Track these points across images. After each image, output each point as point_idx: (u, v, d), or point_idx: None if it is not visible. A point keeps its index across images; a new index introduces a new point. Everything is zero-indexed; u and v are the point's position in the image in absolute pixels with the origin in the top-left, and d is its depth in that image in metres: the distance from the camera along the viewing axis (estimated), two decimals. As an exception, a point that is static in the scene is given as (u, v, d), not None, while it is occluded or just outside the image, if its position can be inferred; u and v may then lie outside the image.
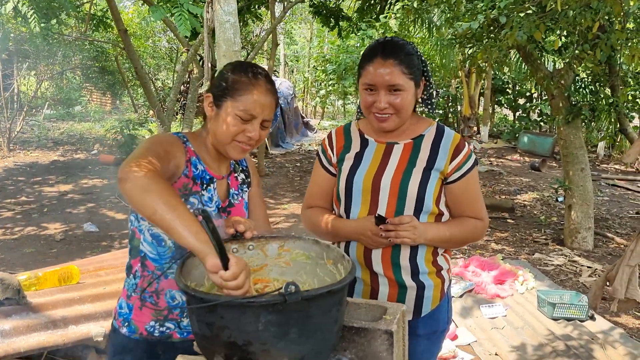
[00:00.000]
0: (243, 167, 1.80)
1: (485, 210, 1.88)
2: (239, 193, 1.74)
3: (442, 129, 1.83)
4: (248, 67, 1.59)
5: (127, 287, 1.67)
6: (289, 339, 1.19)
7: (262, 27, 15.51)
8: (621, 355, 3.53)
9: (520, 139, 14.59)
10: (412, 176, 1.75)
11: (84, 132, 15.66)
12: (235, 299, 1.17)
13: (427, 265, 1.81)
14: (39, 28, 5.05)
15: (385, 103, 1.70)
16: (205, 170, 1.62)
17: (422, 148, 1.79)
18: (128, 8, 19.29)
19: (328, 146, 1.92)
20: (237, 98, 1.53)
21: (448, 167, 1.77)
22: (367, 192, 1.78)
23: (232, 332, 1.18)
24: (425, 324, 1.85)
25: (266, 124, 1.59)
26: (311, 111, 27.26)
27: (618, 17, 4.80)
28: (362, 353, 1.42)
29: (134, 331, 1.63)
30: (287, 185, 9.89)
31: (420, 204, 1.75)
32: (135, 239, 1.63)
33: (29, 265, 4.78)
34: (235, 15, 4.06)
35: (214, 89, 1.59)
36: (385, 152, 1.82)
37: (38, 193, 8.41)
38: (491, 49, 5.47)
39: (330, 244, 1.54)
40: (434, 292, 1.83)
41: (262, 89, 1.55)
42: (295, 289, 1.12)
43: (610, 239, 6.71)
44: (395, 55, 1.69)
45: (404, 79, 1.69)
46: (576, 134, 6.23)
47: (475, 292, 4.49)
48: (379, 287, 1.81)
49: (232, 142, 1.56)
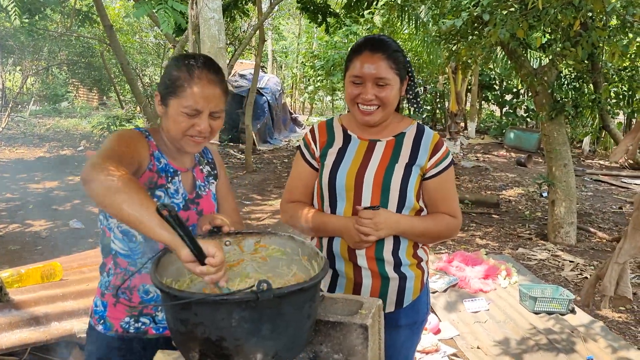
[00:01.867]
0: (208, 160, 1.81)
1: (459, 209, 1.91)
2: (205, 185, 1.74)
3: (422, 128, 1.88)
4: (188, 60, 1.56)
5: (101, 285, 1.67)
6: (262, 335, 1.21)
7: (249, 23, 15.47)
8: (602, 348, 3.60)
9: (507, 135, 14.70)
10: (394, 172, 1.79)
11: (70, 129, 15.54)
12: (208, 297, 1.19)
13: (408, 257, 1.85)
14: (19, 22, 5.00)
15: (372, 95, 1.74)
16: (168, 163, 1.64)
17: (404, 145, 1.83)
18: (114, 3, 19.14)
19: (311, 140, 1.93)
20: (180, 95, 1.52)
21: (427, 163, 1.81)
22: (350, 188, 1.81)
23: (206, 329, 1.20)
24: (406, 314, 1.89)
25: (216, 115, 1.58)
26: (299, 107, 27.25)
27: (599, 14, 4.86)
28: (338, 347, 1.45)
29: (110, 328, 1.63)
30: (274, 181, 9.90)
31: (402, 199, 1.79)
32: (105, 238, 1.63)
33: (14, 262, 4.75)
34: (219, 12, 4.06)
35: (161, 87, 1.58)
36: (368, 148, 1.85)
37: (23, 190, 8.34)
38: (475, 46, 5.52)
39: (305, 240, 1.56)
40: (415, 282, 1.88)
41: (204, 81, 1.53)
42: (267, 287, 1.14)
43: (592, 233, 6.80)
44: (383, 50, 1.74)
45: (390, 73, 1.73)
46: (559, 130, 6.30)
47: (458, 287, 4.54)
48: (362, 280, 1.84)
49: (184, 137, 1.56)
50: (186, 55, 1.61)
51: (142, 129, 1.64)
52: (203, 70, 1.54)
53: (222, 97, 1.60)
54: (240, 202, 8.17)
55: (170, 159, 1.65)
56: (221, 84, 1.59)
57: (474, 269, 4.75)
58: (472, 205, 7.93)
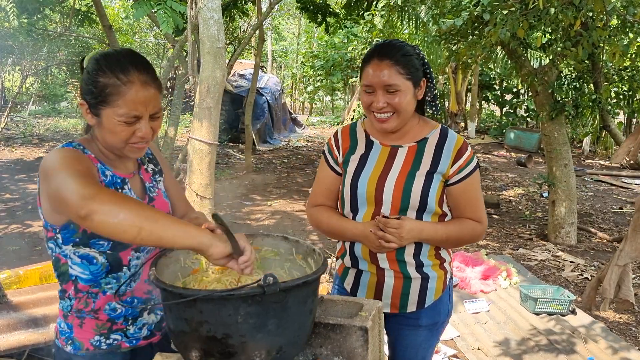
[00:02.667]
0: (149, 157, 1.72)
1: (485, 213, 1.90)
2: (154, 185, 1.66)
3: (446, 132, 1.86)
4: (114, 63, 1.41)
5: (63, 308, 1.58)
6: (268, 330, 1.21)
7: (249, 23, 15.46)
8: (602, 349, 3.59)
9: (507, 135, 14.70)
10: (415, 180, 1.78)
11: (69, 129, 15.54)
12: (214, 292, 1.19)
13: (430, 258, 1.87)
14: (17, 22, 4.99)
15: (383, 103, 1.73)
16: (114, 174, 1.53)
17: (426, 151, 1.82)
18: (114, 3, 19.14)
19: (334, 145, 1.94)
20: (114, 104, 1.39)
21: (450, 170, 1.80)
22: (371, 195, 1.81)
23: (211, 326, 1.20)
24: (427, 315, 1.91)
25: (156, 115, 1.46)
26: (299, 107, 27.27)
27: (600, 14, 4.85)
28: (338, 349, 1.44)
29: (79, 347, 1.56)
30: (274, 182, 9.89)
31: (423, 206, 1.79)
32: (61, 265, 1.52)
33: (13, 263, 4.74)
34: (219, 12, 4.05)
35: (86, 95, 1.43)
36: (390, 155, 1.84)
37: (22, 190, 8.33)
38: (475, 46, 5.51)
39: (299, 239, 1.57)
40: (437, 283, 1.89)
41: (137, 85, 1.39)
42: (274, 280, 1.15)
43: (593, 234, 6.79)
44: (391, 56, 1.72)
45: (400, 79, 1.72)
46: (560, 130, 6.29)
47: (459, 288, 4.53)
48: (384, 279, 1.86)
49: (127, 145, 1.46)
50: (107, 55, 1.44)
51: (74, 144, 1.48)
52: (132, 72, 1.40)
53: (158, 96, 1.46)
54: (240, 202, 8.16)
55: (113, 168, 1.54)
56: (154, 81, 1.44)
57: (475, 269, 4.74)
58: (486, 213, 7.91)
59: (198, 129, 3.84)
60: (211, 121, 3.84)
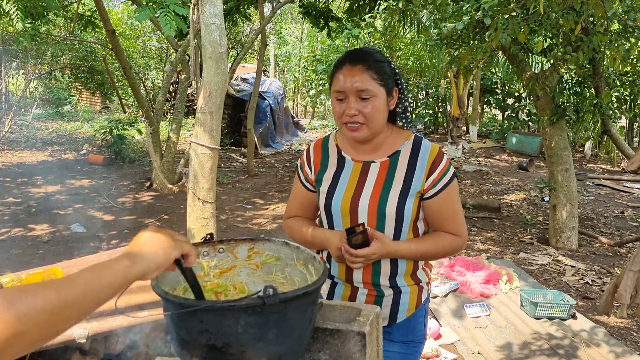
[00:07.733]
0: None
1: (464, 225, 1.83)
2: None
3: (419, 142, 1.79)
4: None
5: None
6: (268, 340, 1.23)
7: (251, 27, 15.50)
8: (604, 354, 3.59)
9: (509, 139, 14.69)
10: (389, 199, 1.73)
11: (73, 132, 15.57)
12: (215, 303, 1.20)
13: (407, 279, 1.83)
14: (21, 25, 5.02)
15: (355, 110, 1.67)
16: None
17: (399, 166, 1.76)
18: (118, 7, 19.21)
19: (305, 162, 1.90)
20: None
21: (424, 184, 1.74)
22: (345, 213, 1.78)
23: (212, 336, 1.21)
24: (399, 331, 1.86)
25: None
26: (302, 111, 27.28)
27: (600, 19, 4.86)
28: (335, 354, 1.45)
29: None
30: (276, 186, 9.90)
31: (399, 225, 1.75)
32: None
33: (16, 267, 4.76)
34: (221, 17, 4.07)
35: None
36: (362, 171, 1.79)
37: (26, 194, 8.36)
38: (477, 50, 5.52)
39: (300, 245, 1.55)
40: (410, 297, 1.84)
41: None
42: (274, 292, 1.16)
43: (594, 238, 6.78)
44: (364, 61, 1.67)
45: (373, 84, 1.66)
46: (561, 134, 6.30)
47: (459, 292, 4.54)
48: (357, 295, 1.84)
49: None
50: None
51: None
52: None
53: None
54: (242, 206, 8.18)
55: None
56: None
57: (475, 274, 4.74)
58: (473, 210, 7.92)
59: (200, 134, 3.86)
60: (213, 126, 3.86)
